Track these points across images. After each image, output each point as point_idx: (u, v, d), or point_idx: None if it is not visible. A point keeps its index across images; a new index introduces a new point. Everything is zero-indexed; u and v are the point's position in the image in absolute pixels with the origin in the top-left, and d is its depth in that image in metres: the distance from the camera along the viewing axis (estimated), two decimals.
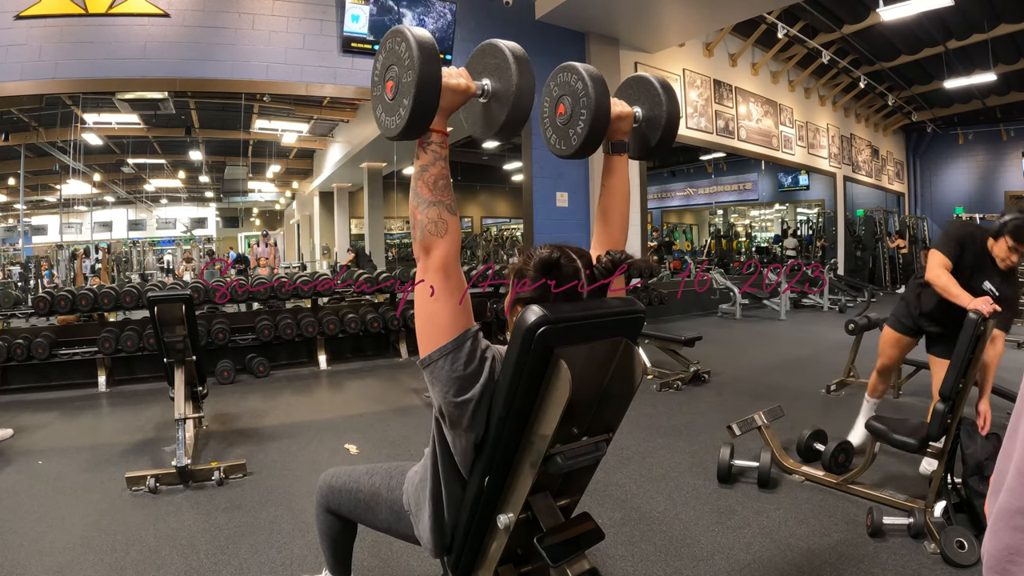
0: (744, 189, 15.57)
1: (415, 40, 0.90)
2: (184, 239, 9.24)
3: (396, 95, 0.94)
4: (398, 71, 0.94)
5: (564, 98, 1.16)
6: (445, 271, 0.96)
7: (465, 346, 0.96)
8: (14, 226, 8.00)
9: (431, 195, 0.95)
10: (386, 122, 0.98)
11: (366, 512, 1.35)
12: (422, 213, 0.95)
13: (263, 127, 7.74)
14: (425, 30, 0.93)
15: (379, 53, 1.00)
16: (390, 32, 0.96)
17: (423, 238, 0.95)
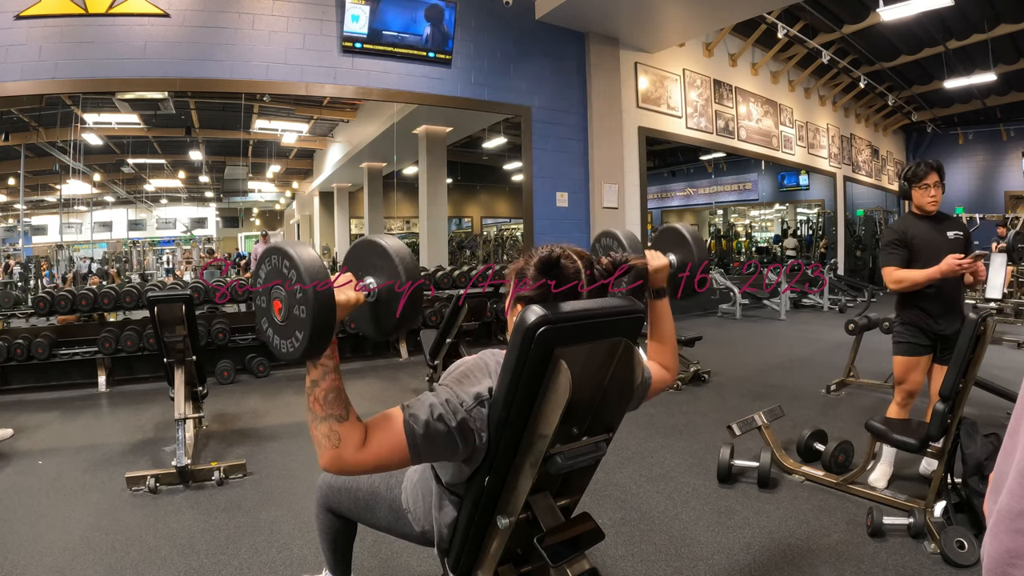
0: (744, 189, 15.57)
1: (306, 272, 0.86)
2: (184, 239, 9.24)
3: (287, 322, 0.90)
4: (287, 298, 0.90)
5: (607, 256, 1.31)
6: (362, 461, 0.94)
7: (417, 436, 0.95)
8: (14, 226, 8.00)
9: (322, 410, 0.93)
10: (280, 345, 0.93)
11: (365, 511, 1.36)
12: (316, 429, 0.94)
13: (263, 127, 7.74)
14: (311, 251, 0.89)
15: (260, 263, 0.95)
16: (274, 248, 0.92)
17: (323, 453, 0.95)
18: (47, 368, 4.33)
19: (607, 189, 6.47)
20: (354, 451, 0.93)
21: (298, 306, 0.88)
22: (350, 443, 0.93)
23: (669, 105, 7.43)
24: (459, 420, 0.96)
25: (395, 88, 5.41)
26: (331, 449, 0.94)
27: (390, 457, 0.95)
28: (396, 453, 0.95)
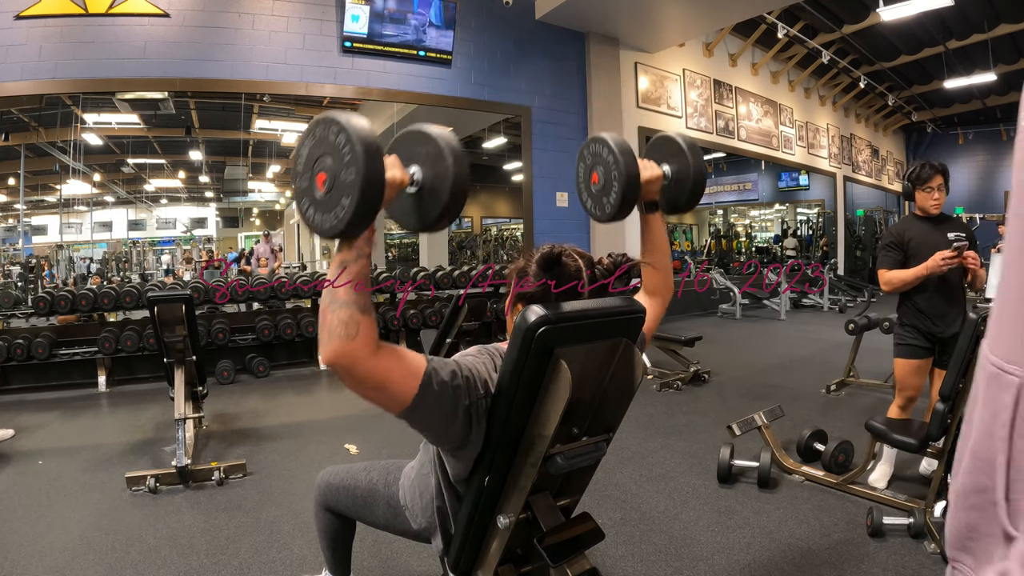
0: (744, 189, 15.57)
1: (356, 132, 0.82)
2: (184, 239, 9.24)
3: (332, 191, 0.84)
4: (333, 164, 0.84)
5: (597, 167, 1.21)
6: (371, 368, 0.86)
7: (431, 389, 0.91)
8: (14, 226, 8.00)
9: (345, 294, 0.85)
10: (320, 220, 0.87)
11: (363, 509, 1.36)
12: (333, 313, 0.85)
13: (263, 127, 7.73)
14: (362, 119, 0.84)
15: (303, 139, 0.90)
16: (323, 119, 0.87)
17: (332, 341, 0.84)
18: (47, 368, 4.33)
19: None
20: (368, 351, 0.85)
21: (346, 170, 0.82)
22: (367, 340, 0.85)
23: (669, 105, 7.43)
24: (468, 402, 0.95)
25: (395, 88, 5.41)
26: (346, 340, 0.84)
27: (394, 384, 0.88)
28: (402, 385, 0.89)
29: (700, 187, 1.28)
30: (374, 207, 0.84)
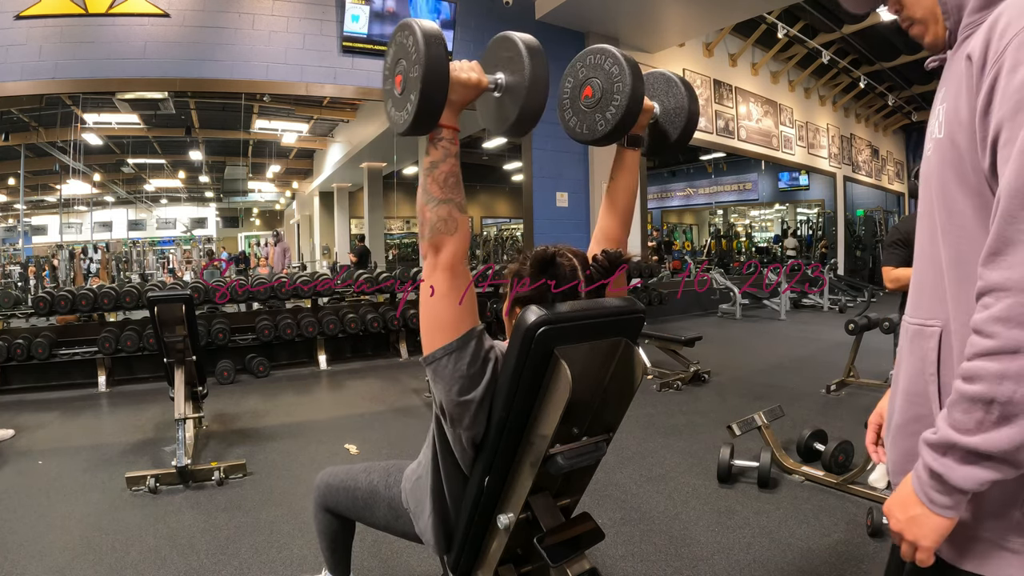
0: (744, 189, 15.57)
1: (421, 33, 0.87)
2: (184, 239, 9.24)
3: (404, 90, 0.92)
4: (406, 65, 0.91)
5: (593, 80, 1.14)
6: (452, 270, 0.93)
7: (470, 346, 0.95)
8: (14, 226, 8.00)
9: (441, 192, 0.92)
10: (395, 117, 0.95)
11: (364, 510, 1.36)
12: (431, 211, 0.92)
13: (263, 127, 7.74)
14: (433, 23, 0.91)
15: (389, 46, 0.98)
16: (399, 25, 0.94)
17: (432, 236, 0.93)
18: (47, 368, 4.33)
19: None
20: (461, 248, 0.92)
21: (413, 67, 0.88)
22: (463, 238, 0.93)
23: None
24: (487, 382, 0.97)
25: None
26: (445, 234, 0.91)
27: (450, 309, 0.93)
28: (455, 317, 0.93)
29: (691, 127, 1.22)
30: (438, 103, 0.90)
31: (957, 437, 0.59)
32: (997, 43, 0.61)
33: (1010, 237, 0.57)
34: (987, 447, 0.57)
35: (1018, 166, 0.57)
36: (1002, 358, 0.56)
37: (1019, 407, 0.55)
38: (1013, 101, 0.59)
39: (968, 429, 0.59)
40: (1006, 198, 0.58)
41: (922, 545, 0.64)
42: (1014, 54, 0.59)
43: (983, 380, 0.57)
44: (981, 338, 0.58)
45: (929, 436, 0.64)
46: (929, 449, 0.63)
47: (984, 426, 0.57)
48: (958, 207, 0.68)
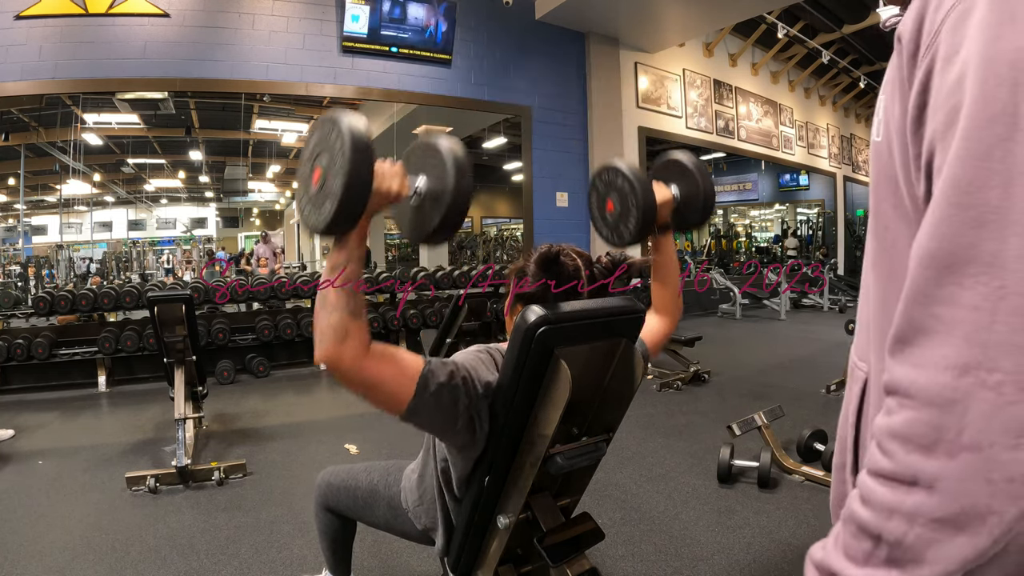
0: (744, 189, 15.58)
1: (350, 141, 0.82)
2: (184, 239, 9.24)
3: (322, 191, 0.86)
4: (327, 164, 0.86)
5: (611, 195, 1.23)
6: (361, 370, 0.88)
7: (428, 391, 0.91)
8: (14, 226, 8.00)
9: (336, 299, 0.87)
10: (309, 213, 0.90)
11: (364, 509, 1.36)
12: (324, 319, 0.87)
13: (263, 127, 7.74)
14: (362, 122, 0.85)
15: (312, 133, 0.93)
16: (325, 118, 0.89)
17: (322, 344, 0.87)
18: (47, 368, 4.33)
19: None
20: (357, 354, 0.87)
21: (335, 174, 0.84)
22: (356, 343, 0.87)
23: (669, 105, 7.42)
24: (470, 402, 0.95)
25: (395, 88, 5.41)
26: (335, 343, 0.86)
27: (387, 386, 0.90)
28: (396, 388, 0.90)
29: (710, 206, 1.32)
30: (355, 215, 0.85)
31: (841, 566, 0.47)
32: (932, 16, 0.43)
33: (919, 322, 0.41)
34: None
35: (936, 219, 0.40)
36: (896, 487, 0.42)
37: (908, 553, 0.41)
38: (945, 111, 0.41)
39: (855, 559, 0.46)
40: (917, 266, 0.42)
41: None
42: (949, 37, 0.41)
43: (872, 508, 0.43)
44: (878, 452, 0.44)
45: (816, 554, 0.53)
46: (814, 569, 0.53)
47: (872, 561, 0.44)
48: (890, 236, 0.52)
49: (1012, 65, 0.37)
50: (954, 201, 0.39)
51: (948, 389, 0.39)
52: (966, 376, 0.38)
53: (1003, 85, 0.37)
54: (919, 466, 0.40)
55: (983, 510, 0.38)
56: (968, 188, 0.38)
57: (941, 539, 0.40)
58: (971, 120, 0.39)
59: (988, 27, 0.39)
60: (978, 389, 0.38)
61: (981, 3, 0.39)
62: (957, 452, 0.39)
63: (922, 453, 0.40)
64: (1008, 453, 0.37)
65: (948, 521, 0.39)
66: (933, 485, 0.40)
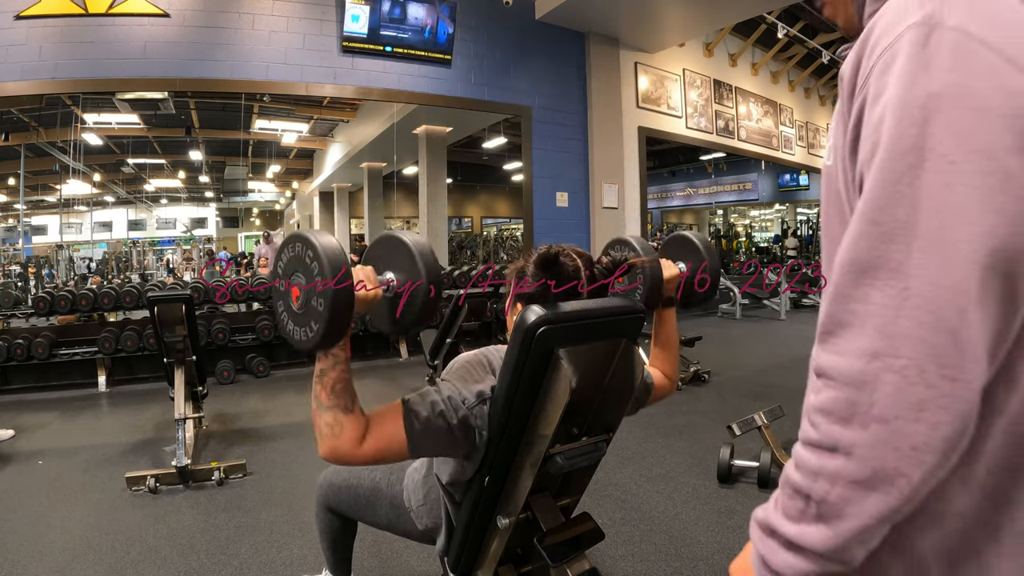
0: (744, 189, 15.58)
1: (329, 266, 0.84)
2: (184, 239, 9.24)
3: (305, 312, 0.89)
4: (307, 286, 0.88)
5: None
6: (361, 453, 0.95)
7: (416, 430, 0.96)
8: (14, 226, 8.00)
9: (328, 399, 0.94)
10: (292, 329, 0.93)
11: (366, 508, 1.36)
12: (320, 418, 0.95)
13: (263, 127, 7.74)
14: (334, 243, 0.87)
15: (283, 249, 0.94)
16: (299, 236, 0.90)
17: (323, 441, 0.95)
18: (47, 368, 4.33)
19: (607, 189, 6.47)
20: (354, 444, 0.94)
21: (316, 298, 0.87)
22: (352, 435, 0.94)
23: (669, 105, 7.43)
24: (460, 417, 0.96)
25: (395, 88, 5.41)
26: (332, 439, 0.94)
27: (388, 450, 0.96)
28: (395, 446, 0.96)
29: (716, 283, 1.37)
30: (342, 331, 0.89)
31: (779, 522, 0.56)
32: (867, 61, 0.51)
33: (840, 318, 0.49)
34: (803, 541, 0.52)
35: (855, 233, 0.48)
36: (820, 453, 0.50)
37: (832, 509, 0.49)
38: (870, 144, 0.48)
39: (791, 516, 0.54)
40: (838, 271, 0.49)
41: None
42: (876, 81, 0.49)
43: (803, 472, 0.52)
44: (807, 425, 0.53)
45: (759, 513, 0.61)
46: (757, 527, 0.61)
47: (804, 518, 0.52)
48: (836, 247, 0.58)
49: (922, 107, 0.45)
50: (869, 218, 0.47)
51: (861, 372, 0.46)
52: (876, 361, 0.46)
53: (914, 124, 0.45)
54: (838, 435, 0.48)
55: (892, 472, 0.46)
56: (881, 208, 0.46)
57: (857, 497, 0.47)
58: (886, 152, 0.46)
59: (905, 75, 0.46)
60: (885, 372, 0.45)
61: (902, 54, 0.47)
62: (868, 423, 0.46)
63: (841, 425, 0.48)
64: (911, 425, 0.45)
65: (863, 482, 0.47)
66: (850, 452, 0.47)
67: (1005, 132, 0.44)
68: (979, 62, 0.45)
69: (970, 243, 0.43)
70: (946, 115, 0.44)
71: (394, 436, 0.96)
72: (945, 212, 0.44)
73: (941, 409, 0.44)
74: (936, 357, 0.44)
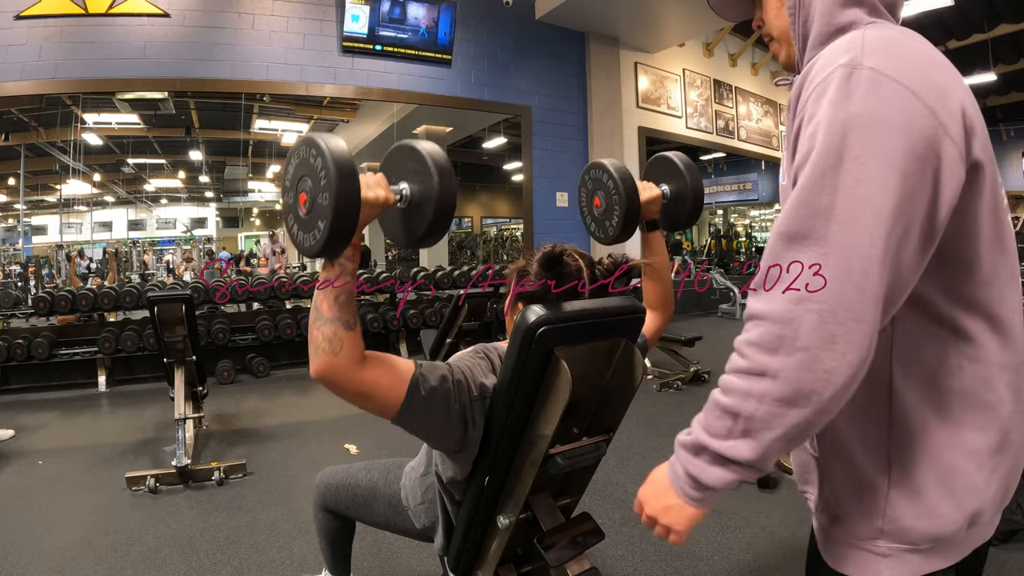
0: (744, 189, 15.57)
1: (332, 158, 0.83)
2: (184, 239, 9.24)
3: (311, 213, 0.87)
4: (312, 186, 0.87)
5: (598, 192, 1.27)
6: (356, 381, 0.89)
7: (418, 395, 0.92)
8: (14, 226, 7.99)
9: (329, 311, 0.88)
10: (302, 239, 0.90)
11: (363, 507, 1.36)
12: (319, 331, 0.88)
13: (263, 127, 7.73)
14: (340, 141, 0.86)
15: (290, 158, 0.92)
16: (302, 140, 0.89)
17: (318, 357, 0.88)
18: (47, 368, 4.33)
19: None
20: (352, 364, 0.88)
21: (322, 194, 0.85)
22: (351, 353, 0.88)
23: (669, 105, 7.42)
24: (460, 405, 0.96)
25: (395, 88, 5.41)
26: (330, 355, 0.87)
27: (381, 392, 0.91)
28: (389, 393, 0.91)
29: (698, 205, 1.33)
30: (348, 230, 0.86)
31: (708, 440, 0.65)
32: (805, 94, 0.66)
33: (772, 274, 0.62)
34: (732, 454, 0.63)
35: (789, 211, 0.62)
36: (749, 378, 0.61)
37: (759, 424, 0.61)
38: (803, 152, 0.63)
39: (718, 435, 0.64)
40: (773, 239, 0.63)
41: (676, 530, 0.71)
42: (811, 107, 0.64)
43: (732, 394, 0.63)
44: (737, 357, 0.64)
45: (683, 437, 0.70)
46: (684, 449, 0.70)
47: (732, 435, 0.63)
48: None
49: (843, 123, 0.60)
50: (802, 201, 0.61)
51: (788, 312, 0.59)
52: (800, 305, 0.59)
53: (837, 135, 0.60)
54: (766, 362, 0.60)
55: (808, 391, 0.58)
56: (810, 194, 0.60)
57: (781, 412, 0.60)
58: (816, 155, 0.61)
59: (833, 100, 0.61)
60: (807, 313, 0.58)
61: (831, 87, 0.62)
62: (792, 352, 0.59)
63: (768, 354, 0.60)
64: (825, 353, 0.57)
65: (786, 399, 0.59)
66: (776, 375, 0.59)
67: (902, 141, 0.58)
68: (885, 92, 0.60)
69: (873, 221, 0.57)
70: (859, 130, 0.59)
71: (393, 387, 0.91)
72: (855, 198, 0.58)
73: (847, 342, 0.57)
74: (846, 303, 0.57)
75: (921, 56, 0.65)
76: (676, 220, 1.36)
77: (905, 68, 0.61)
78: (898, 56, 0.63)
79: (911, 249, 0.60)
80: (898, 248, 0.59)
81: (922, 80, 0.61)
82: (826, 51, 0.67)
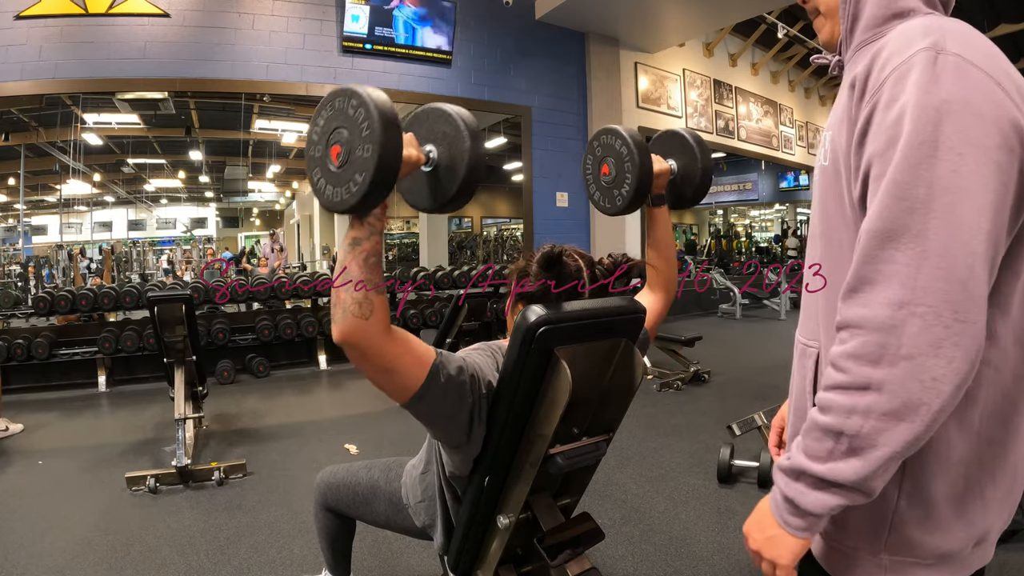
0: (744, 189, 15.58)
1: (376, 109, 0.79)
2: (184, 239, 9.24)
3: (346, 166, 0.82)
4: (350, 138, 0.82)
5: (608, 159, 1.21)
6: (382, 350, 0.86)
7: (438, 381, 0.90)
8: (14, 226, 7.99)
9: (359, 271, 0.84)
10: (332, 194, 0.85)
11: (364, 506, 1.36)
12: (346, 292, 0.83)
13: (263, 127, 7.73)
14: (383, 94, 0.82)
15: (321, 109, 0.87)
16: (341, 90, 0.84)
17: (345, 319, 0.83)
18: (47, 368, 4.33)
19: None
20: (381, 331, 0.84)
21: (363, 145, 0.80)
22: (382, 320, 0.84)
23: (669, 105, 7.42)
24: (472, 399, 0.95)
25: (395, 88, 5.40)
26: (359, 318, 0.82)
27: (402, 370, 0.87)
28: (410, 373, 0.88)
29: (707, 182, 1.29)
30: (388, 185, 0.82)
31: (808, 464, 0.62)
32: (877, 75, 0.62)
33: (867, 276, 0.58)
34: (835, 476, 0.59)
35: (880, 207, 0.58)
36: (852, 393, 0.58)
37: (865, 441, 0.57)
38: (885, 137, 0.59)
39: (819, 457, 0.61)
40: (866, 237, 0.59)
41: (780, 564, 0.67)
42: (891, 89, 0.59)
43: (834, 412, 0.59)
44: (835, 371, 0.60)
45: (783, 462, 0.67)
46: (782, 474, 0.67)
47: (834, 456, 0.59)
48: (836, 236, 0.71)
49: (936, 110, 0.56)
50: (894, 195, 0.57)
51: (890, 318, 0.55)
52: (901, 309, 0.55)
53: (930, 123, 0.56)
54: (869, 375, 0.57)
55: (917, 402, 0.55)
56: (904, 187, 0.56)
57: (889, 427, 0.56)
58: (907, 143, 0.56)
59: (921, 84, 0.57)
60: (910, 317, 0.54)
61: (915, 69, 0.58)
62: (897, 361, 0.55)
63: (871, 365, 0.56)
64: (931, 360, 0.54)
65: (893, 413, 0.56)
66: (881, 388, 0.56)
67: (996, 132, 0.55)
68: (974, 79, 0.57)
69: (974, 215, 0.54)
70: (953, 117, 0.55)
71: (414, 368, 0.88)
72: (954, 191, 0.54)
73: (954, 346, 0.54)
74: (951, 304, 0.54)
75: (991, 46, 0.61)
76: (682, 197, 1.32)
77: (984, 56, 0.58)
78: (975, 45, 0.60)
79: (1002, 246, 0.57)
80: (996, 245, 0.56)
81: (1000, 69, 0.58)
82: (896, 33, 0.63)
